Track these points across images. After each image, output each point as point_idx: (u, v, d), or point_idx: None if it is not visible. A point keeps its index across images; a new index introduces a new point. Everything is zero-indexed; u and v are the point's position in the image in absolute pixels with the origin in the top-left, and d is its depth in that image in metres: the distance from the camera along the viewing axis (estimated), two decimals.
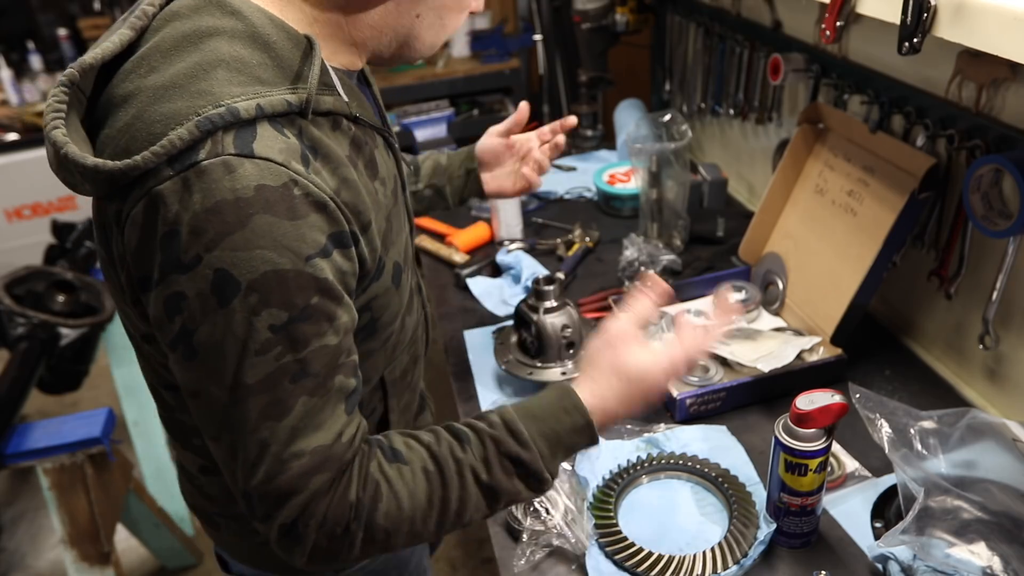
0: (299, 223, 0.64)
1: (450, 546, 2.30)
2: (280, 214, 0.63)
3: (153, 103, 0.64)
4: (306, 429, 0.68)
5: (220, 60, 0.65)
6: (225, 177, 0.61)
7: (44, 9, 4.11)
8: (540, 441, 0.79)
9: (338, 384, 0.70)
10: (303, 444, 0.68)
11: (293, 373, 0.67)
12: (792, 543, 1.00)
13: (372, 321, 0.80)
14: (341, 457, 0.71)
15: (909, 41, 0.97)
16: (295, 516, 0.70)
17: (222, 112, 0.62)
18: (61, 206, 3.42)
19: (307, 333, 0.66)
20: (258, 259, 0.63)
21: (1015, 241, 1.09)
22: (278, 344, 0.65)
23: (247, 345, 0.64)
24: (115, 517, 1.80)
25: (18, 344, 1.83)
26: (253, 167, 0.62)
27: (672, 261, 1.62)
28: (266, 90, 0.66)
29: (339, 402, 0.71)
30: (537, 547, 1.02)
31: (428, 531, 0.77)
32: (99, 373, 2.37)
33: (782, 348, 1.30)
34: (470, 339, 1.49)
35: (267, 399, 0.66)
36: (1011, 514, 0.91)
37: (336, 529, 0.72)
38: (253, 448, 0.68)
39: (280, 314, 0.65)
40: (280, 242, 0.63)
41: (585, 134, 2.45)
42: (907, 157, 1.23)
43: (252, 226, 0.62)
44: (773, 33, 1.62)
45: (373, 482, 0.73)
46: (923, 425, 1.00)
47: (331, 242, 0.67)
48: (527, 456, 0.78)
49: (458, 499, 0.76)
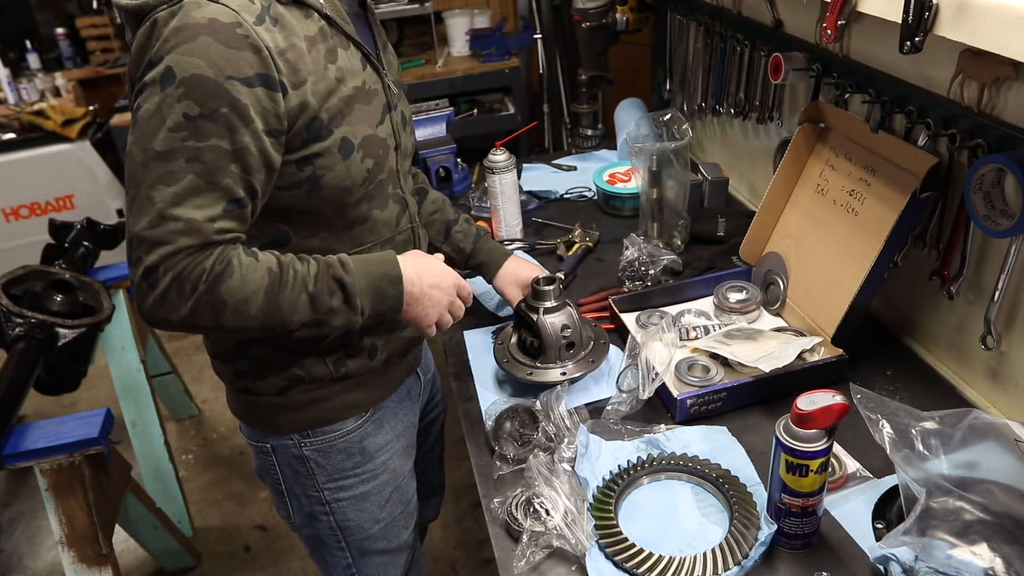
0: (232, 52, 0.87)
1: (450, 547, 2.30)
2: (220, 40, 0.87)
3: None
4: (186, 202, 0.88)
5: None
6: (194, 10, 0.88)
7: (42, 8, 4.10)
8: (361, 276, 1.01)
9: (224, 183, 0.90)
10: (181, 211, 0.88)
11: (189, 155, 0.88)
12: (793, 544, 1.00)
13: (315, 177, 0.99)
14: (207, 234, 0.90)
15: (911, 40, 0.97)
16: (157, 263, 0.89)
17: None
18: (59, 206, 3.41)
19: (208, 131, 0.88)
20: (191, 64, 0.86)
21: (1017, 241, 1.09)
22: (185, 129, 0.87)
23: (164, 122, 0.87)
24: (113, 518, 1.80)
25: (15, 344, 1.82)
26: (215, 8, 0.88)
27: (672, 261, 1.61)
28: None
29: (221, 198, 0.90)
30: (537, 548, 1.01)
31: (256, 319, 0.95)
32: (97, 373, 2.37)
33: (783, 348, 1.29)
34: (470, 339, 1.49)
35: (164, 167, 0.87)
36: (1013, 515, 0.91)
37: (185, 285, 0.90)
38: (144, 202, 0.88)
39: (193, 107, 0.87)
40: (212, 58, 0.87)
41: (585, 134, 2.45)
42: (909, 157, 1.22)
43: (197, 41, 0.86)
44: (774, 32, 1.61)
45: (226, 260, 0.92)
46: (925, 426, 0.99)
47: (258, 80, 0.89)
48: (348, 280, 1.00)
49: (287, 298, 0.96)
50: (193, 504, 2.53)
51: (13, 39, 4.00)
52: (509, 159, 1.80)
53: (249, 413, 1.20)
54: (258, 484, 2.54)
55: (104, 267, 2.31)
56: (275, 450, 1.20)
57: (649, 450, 1.17)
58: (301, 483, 1.22)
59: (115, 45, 3.93)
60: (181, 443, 2.83)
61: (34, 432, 1.64)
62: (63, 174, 3.35)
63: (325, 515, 1.25)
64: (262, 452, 1.22)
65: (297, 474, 1.22)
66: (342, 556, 1.30)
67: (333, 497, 1.23)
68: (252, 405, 1.18)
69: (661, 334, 1.32)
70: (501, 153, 1.77)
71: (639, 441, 1.19)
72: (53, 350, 1.89)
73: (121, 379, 2.31)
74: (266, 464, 1.23)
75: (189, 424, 2.93)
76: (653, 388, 1.21)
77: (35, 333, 1.85)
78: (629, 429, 1.21)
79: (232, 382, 1.18)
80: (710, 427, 1.21)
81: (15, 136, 3.31)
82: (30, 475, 1.70)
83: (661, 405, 1.28)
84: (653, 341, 1.30)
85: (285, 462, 1.21)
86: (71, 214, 3.36)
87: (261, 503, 2.54)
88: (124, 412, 2.32)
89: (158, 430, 2.34)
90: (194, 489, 2.61)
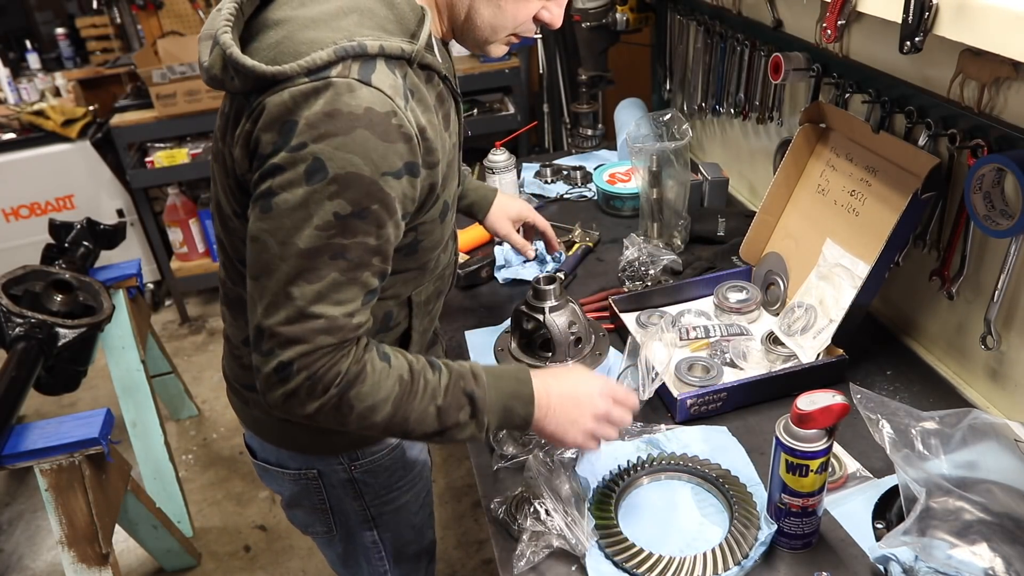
0: (388, 146, 0.81)
1: (450, 547, 2.30)
2: (377, 134, 0.80)
3: (301, 30, 0.84)
4: (328, 298, 0.84)
5: (356, 8, 0.86)
6: (346, 93, 0.80)
7: (42, 8, 4.10)
8: (492, 390, 0.96)
9: (364, 278, 0.86)
10: (323, 308, 0.84)
11: (334, 252, 0.83)
12: (793, 544, 1.00)
13: (416, 242, 0.96)
14: (346, 331, 0.86)
15: (911, 40, 0.97)
16: (293, 359, 0.84)
17: (354, 44, 0.81)
18: (59, 206, 3.41)
19: (358, 228, 0.83)
20: (348, 161, 0.80)
21: (1017, 241, 1.09)
22: (334, 227, 0.82)
23: (311, 218, 0.81)
24: (113, 518, 1.79)
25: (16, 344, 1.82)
26: (368, 92, 0.81)
27: (672, 261, 1.61)
28: (388, 37, 0.85)
29: (360, 292, 0.86)
30: (537, 548, 1.01)
31: (380, 425, 0.91)
32: (97, 373, 2.37)
33: None
34: (470, 339, 1.49)
35: (307, 264, 0.82)
36: (1013, 515, 0.91)
37: (318, 385, 0.86)
38: (281, 295, 0.83)
39: (346, 206, 0.81)
40: (369, 155, 0.80)
41: (585, 133, 2.45)
42: (910, 157, 1.22)
43: (354, 135, 0.79)
44: (774, 32, 1.61)
45: (362, 365, 0.89)
46: (925, 426, 0.99)
47: (405, 168, 0.84)
48: (479, 395, 0.94)
49: (415, 410, 0.92)
50: (193, 504, 2.52)
51: (13, 39, 4.00)
52: (509, 159, 1.80)
53: (294, 439, 1.12)
54: (258, 484, 2.54)
55: (104, 267, 2.31)
56: (322, 475, 1.15)
57: (649, 450, 1.17)
58: (349, 504, 1.18)
59: (115, 45, 3.93)
60: (181, 443, 2.83)
61: (34, 432, 1.64)
62: (63, 174, 3.35)
63: (369, 530, 1.22)
64: (306, 478, 1.15)
65: (346, 496, 1.17)
66: (380, 564, 1.27)
67: (378, 512, 1.20)
68: (298, 430, 1.09)
69: (661, 334, 1.32)
70: (501, 153, 1.77)
71: (639, 441, 1.19)
72: (53, 350, 1.89)
73: (121, 379, 2.31)
74: (308, 488, 1.17)
75: (189, 424, 2.93)
76: (653, 388, 1.21)
77: (35, 333, 1.85)
78: (629, 429, 1.21)
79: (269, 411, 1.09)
80: (710, 427, 1.21)
81: (15, 136, 3.31)
82: (30, 475, 1.71)
83: (661, 405, 1.28)
84: (653, 341, 1.30)
85: (333, 484, 1.16)
86: (71, 214, 3.36)
87: (261, 503, 2.54)
88: (124, 412, 2.32)
89: (158, 430, 2.34)
90: (194, 489, 2.61)
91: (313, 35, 0.82)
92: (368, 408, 0.89)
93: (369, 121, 0.80)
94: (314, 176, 0.80)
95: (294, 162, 0.80)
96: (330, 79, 0.80)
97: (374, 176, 0.81)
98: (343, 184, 0.80)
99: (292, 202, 0.81)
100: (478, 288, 1.67)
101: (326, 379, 0.86)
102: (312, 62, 0.79)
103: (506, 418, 0.97)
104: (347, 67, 0.80)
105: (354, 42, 0.81)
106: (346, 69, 0.80)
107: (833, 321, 1.28)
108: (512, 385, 0.98)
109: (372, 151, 0.80)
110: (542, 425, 0.99)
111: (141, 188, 3.28)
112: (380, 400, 0.89)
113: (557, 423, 0.99)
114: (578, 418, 1.00)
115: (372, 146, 0.80)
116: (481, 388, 0.95)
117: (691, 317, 1.48)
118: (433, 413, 0.93)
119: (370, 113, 0.80)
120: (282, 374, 0.85)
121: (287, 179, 0.80)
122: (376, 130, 0.80)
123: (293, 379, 0.85)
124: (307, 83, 0.79)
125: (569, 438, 1.01)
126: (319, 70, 0.80)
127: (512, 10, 0.94)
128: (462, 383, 0.94)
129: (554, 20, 0.98)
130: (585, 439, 1.01)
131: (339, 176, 0.80)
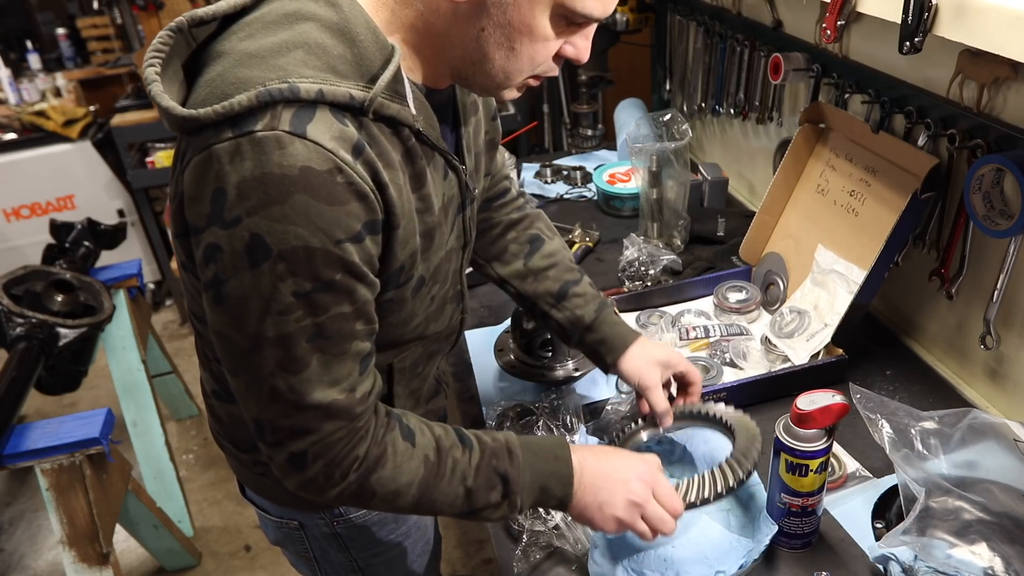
0: (337, 209, 0.68)
1: (450, 547, 2.30)
2: (320, 198, 0.67)
3: (236, 66, 0.70)
4: (320, 383, 0.74)
5: (304, 43, 0.70)
6: (275, 151, 0.66)
7: (43, 8, 4.11)
8: (527, 471, 0.87)
9: (352, 348, 0.76)
10: (318, 396, 0.74)
11: (310, 334, 0.72)
12: (793, 544, 1.00)
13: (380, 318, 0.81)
14: (354, 409, 0.77)
15: (910, 40, 0.97)
16: (306, 449, 0.77)
17: (283, 88, 0.67)
18: (60, 206, 3.41)
19: (327, 302, 0.71)
20: (291, 234, 0.67)
21: (1016, 241, 1.09)
22: (299, 308, 0.70)
23: (270, 305, 0.70)
24: (114, 518, 1.80)
25: (16, 344, 1.83)
26: (303, 147, 0.66)
27: (672, 261, 1.61)
28: (336, 80, 0.70)
29: (353, 363, 0.76)
30: (537, 548, 1.01)
31: (404, 507, 0.84)
32: (98, 373, 2.37)
33: None
34: (471, 339, 1.49)
35: (284, 354, 0.72)
36: (1012, 515, 0.91)
37: (335, 472, 0.79)
38: (267, 391, 0.74)
39: (304, 283, 0.69)
40: (315, 223, 0.67)
41: (585, 134, 2.45)
42: (909, 157, 1.22)
43: (291, 203, 0.66)
44: (774, 32, 1.62)
45: (383, 448, 0.81)
46: (924, 425, 0.99)
47: (365, 229, 0.71)
48: (513, 475, 0.86)
49: (442, 492, 0.84)
50: (193, 504, 2.53)
51: (14, 39, 4.01)
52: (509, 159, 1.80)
53: (273, 492, 1.03)
54: None
55: (105, 267, 2.31)
56: (304, 526, 1.06)
57: None
58: (334, 555, 1.11)
59: (115, 45, 3.94)
60: (181, 443, 2.83)
61: (35, 432, 1.64)
62: (64, 174, 3.35)
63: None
64: (287, 527, 1.07)
65: (330, 548, 1.10)
66: None
67: (367, 564, 1.12)
68: (274, 482, 0.98)
69: (661, 334, 1.32)
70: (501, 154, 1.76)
71: None
72: (54, 350, 1.89)
73: (121, 379, 2.31)
74: (291, 536, 1.09)
75: (189, 424, 2.93)
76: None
77: (36, 333, 1.86)
78: None
79: (250, 466, 1.00)
80: None
81: (16, 136, 3.32)
82: (31, 475, 1.71)
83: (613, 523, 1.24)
84: None
85: (315, 536, 1.08)
86: (72, 214, 3.36)
87: None
88: (124, 412, 2.32)
89: (159, 430, 2.34)
90: (194, 489, 2.61)
91: (246, 74, 0.68)
92: (391, 492, 0.82)
93: (307, 184, 0.66)
94: (257, 257, 0.68)
95: (231, 241, 0.68)
96: (254, 133, 0.66)
97: (326, 246, 0.68)
98: (292, 261, 0.68)
99: (243, 290, 0.69)
100: (478, 288, 1.67)
101: (344, 465, 0.79)
102: (230, 108, 0.66)
103: (541, 498, 0.89)
104: (276, 116, 0.66)
105: (285, 84, 0.67)
106: (274, 119, 0.66)
107: (828, 325, 1.28)
108: (550, 464, 0.89)
109: (317, 218, 0.67)
110: (574, 507, 0.91)
111: (142, 188, 3.28)
112: (403, 484, 0.82)
113: (584, 504, 0.90)
114: (608, 500, 0.90)
115: (316, 213, 0.67)
116: (515, 468, 0.86)
117: (691, 317, 1.48)
118: (462, 494, 0.85)
119: (307, 173, 0.66)
120: (296, 464, 0.78)
121: (230, 264, 0.69)
122: (318, 193, 0.67)
123: (309, 468, 0.78)
124: (230, 138, 0.66)
125: (597, 522, 0.91)
126: (242, 120, 0.66)
127: (528, 52, 0.76)
128: (495, 462, 0.86)
129: (580, 55, 0.80)
130: (616, 527, 0.91)
131: (285, 252, 0.67)
